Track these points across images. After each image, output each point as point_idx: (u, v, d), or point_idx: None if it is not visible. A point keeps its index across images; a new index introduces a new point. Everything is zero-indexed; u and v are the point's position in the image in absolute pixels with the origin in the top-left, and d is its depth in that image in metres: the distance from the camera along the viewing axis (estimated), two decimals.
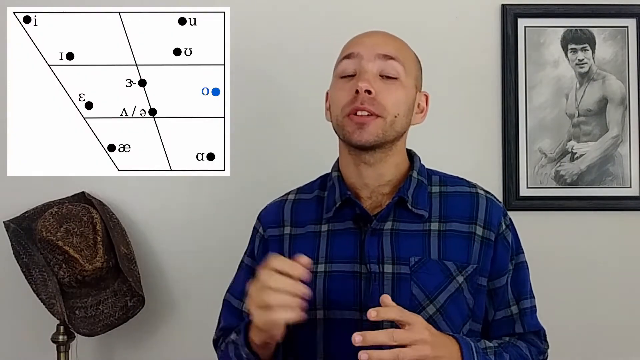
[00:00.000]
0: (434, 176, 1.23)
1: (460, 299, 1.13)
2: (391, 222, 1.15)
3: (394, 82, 1.13)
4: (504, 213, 1.20)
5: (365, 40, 1.16)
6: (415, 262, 1.12)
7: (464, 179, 1.24)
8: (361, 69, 1.12)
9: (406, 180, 1.17)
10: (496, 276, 1.18)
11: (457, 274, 1.13)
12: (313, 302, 1.12)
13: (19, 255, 1.62)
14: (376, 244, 1.13)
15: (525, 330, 1.20)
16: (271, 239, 1.21)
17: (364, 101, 1.09)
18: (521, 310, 1.20)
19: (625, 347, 1.79)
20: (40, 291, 1.59)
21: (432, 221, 1.15)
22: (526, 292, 1.22)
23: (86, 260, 1.58)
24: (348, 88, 1.12)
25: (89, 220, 1.63)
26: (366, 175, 1.16)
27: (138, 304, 1.65)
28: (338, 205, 1.16)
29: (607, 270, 1.78)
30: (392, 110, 1.12)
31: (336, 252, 1.15)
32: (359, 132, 1.10)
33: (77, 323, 1.60)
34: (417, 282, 1.11)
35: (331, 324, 1.12)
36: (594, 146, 1.79)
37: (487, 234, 1.16)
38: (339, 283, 1.13)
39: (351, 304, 1.11)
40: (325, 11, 1.78)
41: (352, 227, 1.16)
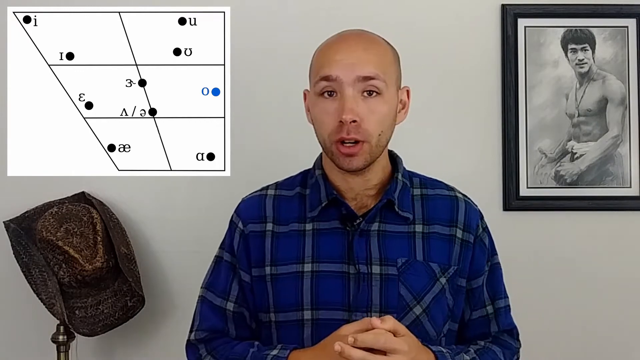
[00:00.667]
0: (415, 178, 1.24)
1: (442, 300, 1.16)
2: (378, 223, 1.16)
3: (376, 98, 1.12)
4: (480, 216, 1.23)
5: (342, 59, 1.11)
6: (402, 264, 1.14)
7: (442, 181, 1.26)
8: (343, 92, 1.10)
9: (392, 183, 1.18)
10: (474, 277, 1.20)
11: (440, 275, 1.15)
12: (300, 302, 1.13)
13: (19, 255, 1.62)
14: (364, 244, 1.14)
15: (499, 329, 1.23)
16: (252, 234, 1.19)
17: (350, 131, 1.09)
18: (496, 309, 1.23)
19: (625, 347, 1.79)
20: (40, 291, 1.59)
21: (416, 223, 1.17)
22: (501, 292, 1.24)
23: (86, 260, 1.58)
24: (332, 111, 1.11)
25: (89, 220, 1.63)
26: (352, 181, 1.17)
27: (138, 304, 1.65)
28: (324, 205, 1.16)
29: (607, 270, 1.78)
30: (376, 131, 1.11)
31: (323, 251, 1.15)
32: (349, 160, 1.11)
33: (77, 323, 1.60)
34: (405, 283, 1.13)
35: (319, 324, 1.12)
36: (594, 146, 1.79)
37: (466, 236, 1.19)
38: (327, 283, 1.13)
39: (340, 304, 1.12)
40: (325, 11, 1.78)
41: (338, 227, 1.16)
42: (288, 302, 1.14)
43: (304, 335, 1.13)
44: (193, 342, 1.22)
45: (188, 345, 1.23)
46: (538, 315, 1.77)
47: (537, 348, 1.78)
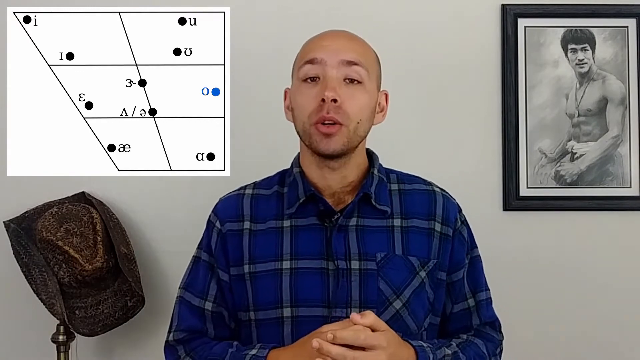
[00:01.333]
0: (392, 174, 1.25)
1: (422, 294, 1.16)
2: (356, 218, 1.16)
3: (357, 86, 1.14)
4: (458, 209, 1.24)
5: (328, 45, 1.15)
6: (381, 258, 1.14)
7: (419, 177, 1.26)
8: (325, 75, 1.12)
9: (368, 178, 1.19)
10: (454, 270, 1.21)
11: (420, 269, 1.16)
12: (280, 299, 1.13)
13: (19, 255, 1.62)
14: (343, 240, 1.14)
15: (481, 322, 1.24)
16: (229, 233, 1.19)
17: (330, 110, 1.10)
18: (477, 302, 1.24)
19: (625, 346, 1.79)
20: (40, 291, 1.59)
21: (394, 217, 1.18)
22: (481, 285, 1.25)
23: (86, 260, 1.58)
24: (314, 95, 1.12)
25: (89, 220, 1.63)
26: (330, 178, 1.18)
27: (138, 304, 1.65)
28: (301, 202, 1.17)
29: (607, 271, 1.78)
30: (355, 117, 1.13)
31: (302, 248, 1.15)
32: (326, 141, 1.11)
33: (77, 323, 1.60)
34: (384, 278, 1.13)
35: (299, 321, 1.13)
36: (594, 146, 1.79)
37: (445, 229, 1.20)
38: (306, 280, 1.13)
39: (319, 300, 1.12)
40: (325, 11, 1.78)
41: (316, 223, 1.16)
42: (267, 300, 1.14)
43: (284, 333, 1.13)
44: (172, 343, 1.21)
45: (166, 346, 1.22)
46: (538, 315, 1.77)
47: (537, 348, 1.78)
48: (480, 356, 1.19)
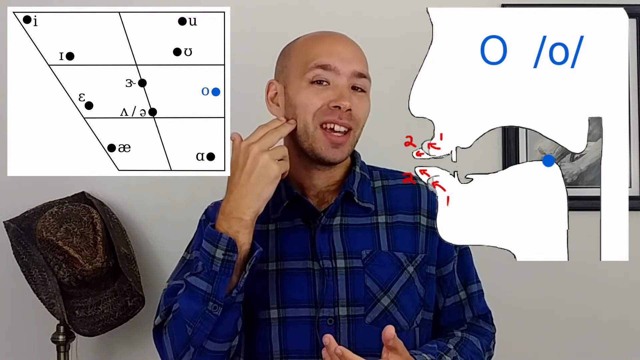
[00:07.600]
0: (375, 171, 1.26)
1: (412, 289, 1.17)
2: (340, 217, 1.18)
3: (361, 94, 1.16)
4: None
5: (340, 52, 1.16)
6: (367, 255, 1.15)
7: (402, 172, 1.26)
8: (338, 83, 1.14)
9: (350, 176, 1.20)
10: (443, 263, 1.22)
11: (407, 264, 1.17)
12: (267, 301, 1.14)
13: (19, 255, 1.62)
14: (327, 239, 1.16)
15: (474, 315, 1.24)
16: None
17: (343, 116, 1.12)
18: (469, 295, 1.25)
19: (625, 346, 1.79)
20: (40, 291, 1.59)
21: (378, 214, 1.19)
22: (472, 277, 1.26)
23: (86, 260, 1.58)
24: (322, 97, 1.14)
25: (89, 220, 1.63)
26: (317, 177, 1.19)
27: (138, 304, 1.65)
28: (285, 205, 1.17)
29: (607, 271, 1.78)
30: (361, 123, 1.16)
31: (287, 249, 1.16)
32: (334, 151, 1.13)
33: (77, 323, 1.60)
34: (371, 275, 1.14)
35: (287, 322, 1.13)
36: (594, 146, 1.79)
37: (431, 223, 1.20)
38: (292, 281, 1.14)
39: (306, 301, 1.13)
40: (325, 11, 1.78)
41: (300, 224, 1.17)
42: (254, 301, 1.15)
43: (272, 334, 1.14)
44: (157, 325, 1.19)
45: (153, 332, 1.20)
46: (538, 315, 1.78)
47: (537, 348, 1.78)
48: (476, 353, 1.20)
